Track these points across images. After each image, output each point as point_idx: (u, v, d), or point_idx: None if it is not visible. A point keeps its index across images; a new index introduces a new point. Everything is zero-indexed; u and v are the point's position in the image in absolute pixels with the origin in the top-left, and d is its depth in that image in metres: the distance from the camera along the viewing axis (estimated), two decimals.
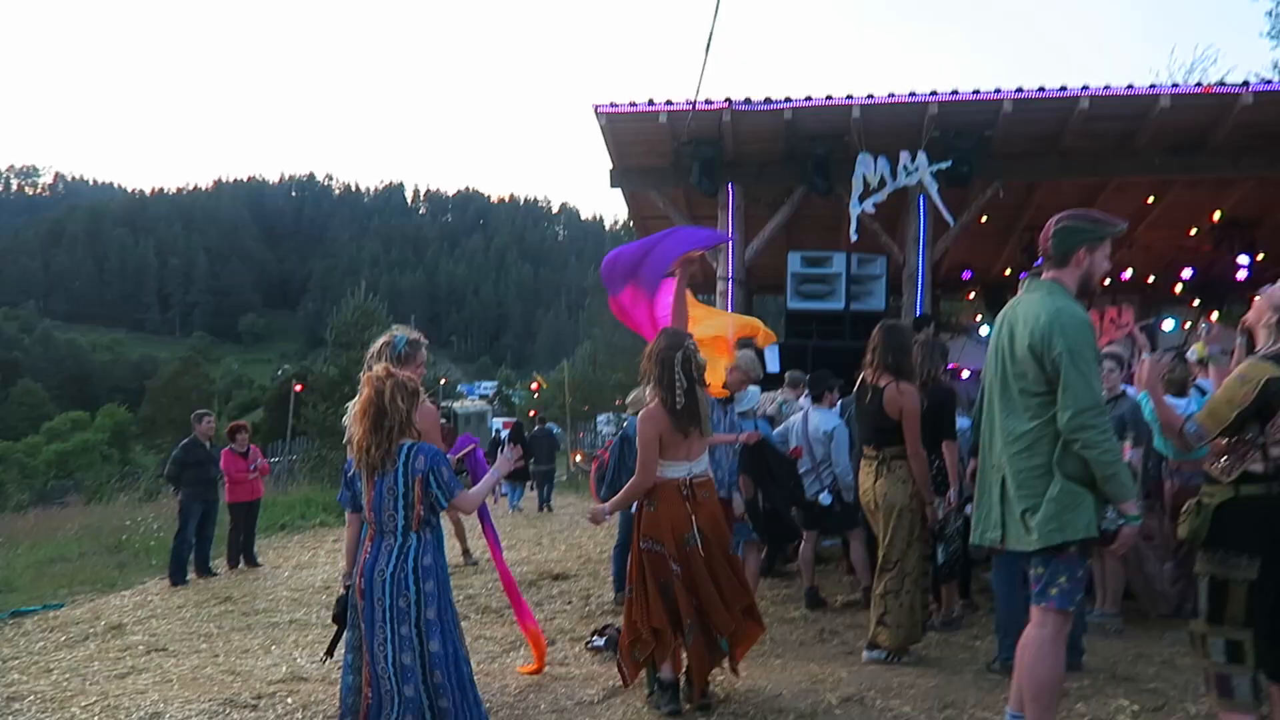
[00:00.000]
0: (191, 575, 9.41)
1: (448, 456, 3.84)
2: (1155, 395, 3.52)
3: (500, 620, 6.90)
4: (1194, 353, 6.44)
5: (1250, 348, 4.77)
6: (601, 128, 9.60)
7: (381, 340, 4.20)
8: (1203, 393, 6.32)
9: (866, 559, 6.30)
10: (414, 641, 3.53)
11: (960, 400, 5.85)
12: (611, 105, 9.43)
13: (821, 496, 6.42)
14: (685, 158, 9.82)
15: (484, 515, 5.11)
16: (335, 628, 5.82)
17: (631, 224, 15.78)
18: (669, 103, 9.36)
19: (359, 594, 3.61)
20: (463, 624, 6.93)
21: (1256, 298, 3.55)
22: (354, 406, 3.64)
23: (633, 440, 6.88)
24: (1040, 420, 3.29)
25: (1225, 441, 3.25)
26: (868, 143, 9.36)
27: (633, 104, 9.43)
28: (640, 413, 4.39)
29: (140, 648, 6.38)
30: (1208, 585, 3.25)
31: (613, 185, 10.65)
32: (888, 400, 4.75)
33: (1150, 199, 11.30)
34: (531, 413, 34.43)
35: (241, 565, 9.96)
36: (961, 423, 5.53)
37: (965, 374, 11.64)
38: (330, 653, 4.17)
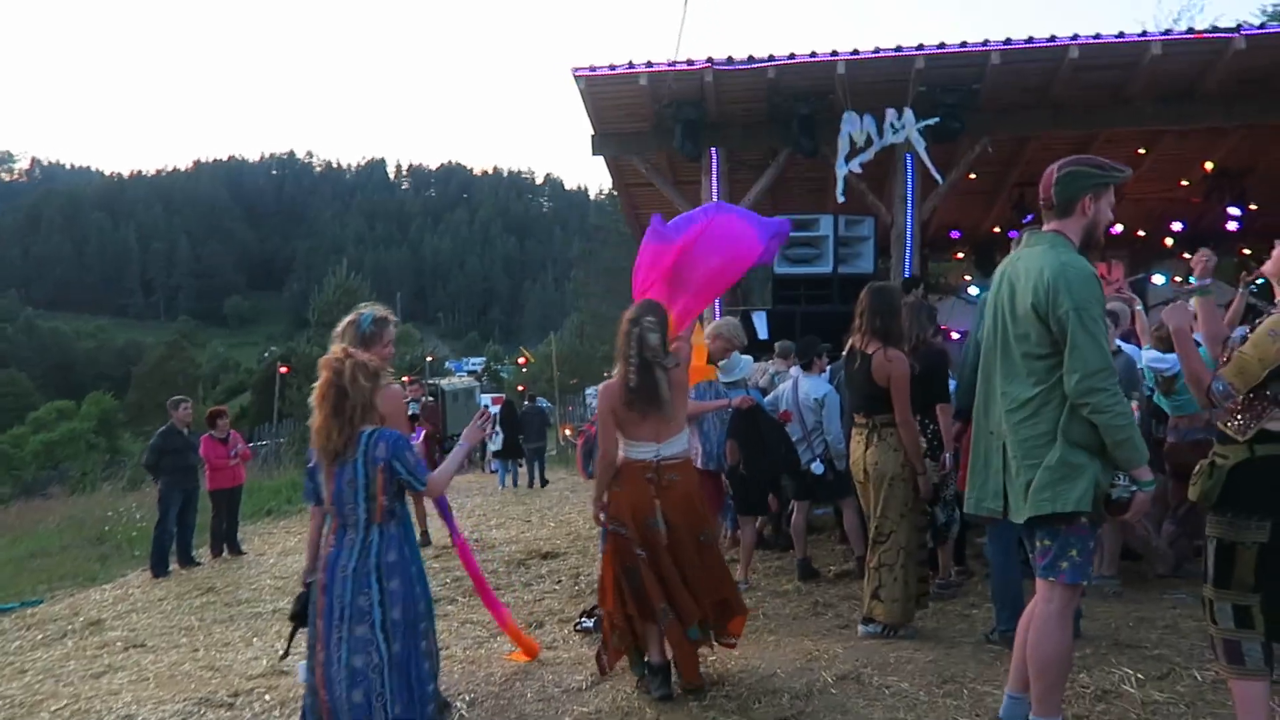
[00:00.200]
0: (174, 566, 9.22)
1: (411, 442, 3.65)
2: (1185, 345, 3.33)
3: None
4: (1191, 305, 6.26)
5: (1249, 302, 4.58)
6: (580, 92, 9.33)
7: (346, 319, 3.98)
8: (1196, 344, 6.15)
9: (860, 528, 6.15)
10: (374, 644, 3.32)
11: (951, 361, 5.69)
12: (590, 68, 9.16)
13: (813, 465, 6.25)
14: (667, 121, 9.58)
15: (445, 512, 4.88)
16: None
17: (615, 192, 15.51)
18: (649, 64, 9.10)
19: (320, 590, 3.41)
20: (449, 608, 6.86)
21: (1276, 246, 3.36)
22: (313, 391, 3.43)
23: None
24: (1045, 385, 3.08)
25: (1241, 398, 3.07)
26: (853, 101, 9.11)
27: (612, 66, 9.17)
28: (600, 385, 4.22)
29: (118, 644, 6.21)
30: (1215, 548, 3.09)
31: (595, 152, 10.37)
32: (876, 367, 4.55)
33: (1141, 150, 11.10)
34: (520, 388, 34.18)
35: (225, 554, 9.78)
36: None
37: (955, 335, 11.48)
38: (287, 653, 3.98)
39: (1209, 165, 11.01)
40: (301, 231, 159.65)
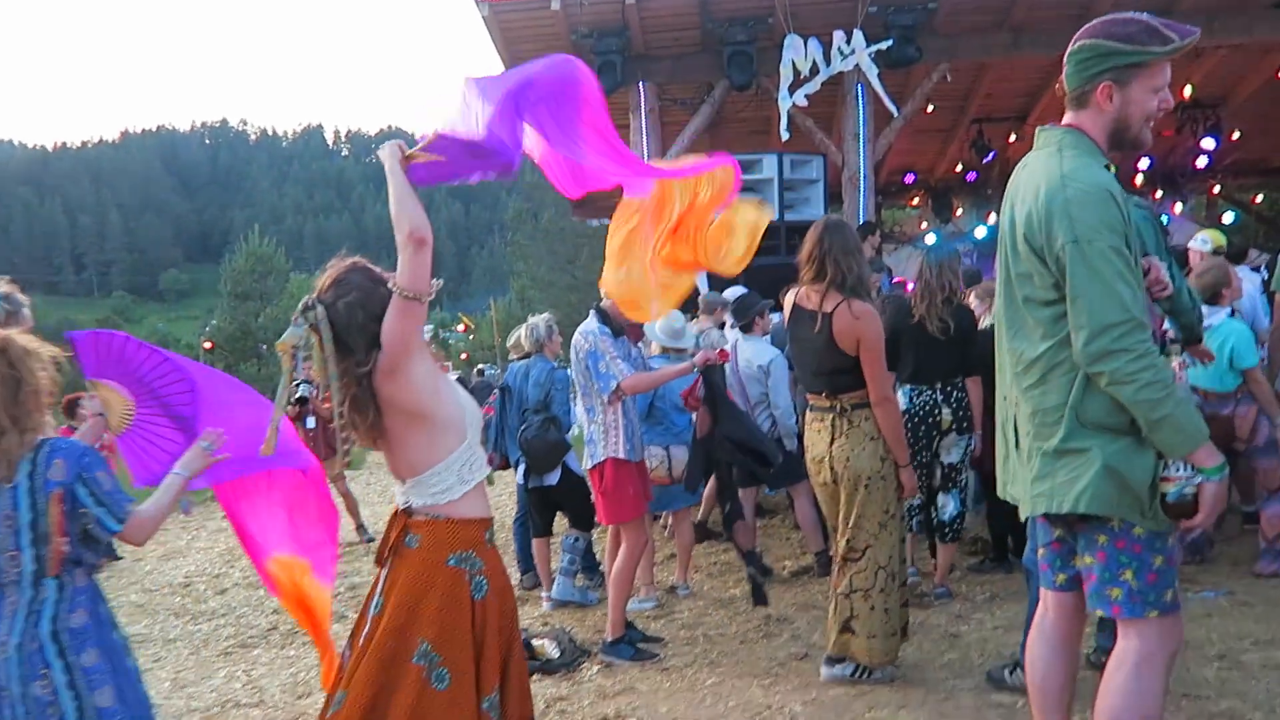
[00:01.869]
0: None
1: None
2: None
3: None
4: (1205, 240, 5.34)
5: None
6: (484, 19, 8.18)
7: None
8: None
9: (816, 519, 5.18)
10: None
11: None
12: None
13: None
14: (587, 53, 8.45)
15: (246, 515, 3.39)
16: (177, 643, 4.42)
17: None
18: None
19: None
20: (334, 627, 5.77)
21: None
22: None
23: (515, 392, 5.62)
24: (1053, 341, 2.28)
25: None
26: (796, 23, 8.11)
27: None
28: None
29: None
30: None
31: None
32: (840, 329, 3.42)
33: None
34: (463, 355, 32.96)
35: None
36: None
37: (910, 287, 10.58)
38: None
39: (1186, 92, 10.10)
40: (239, 201, 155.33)
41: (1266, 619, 3.89)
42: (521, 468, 5.42)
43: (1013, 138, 11.39)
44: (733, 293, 6.18)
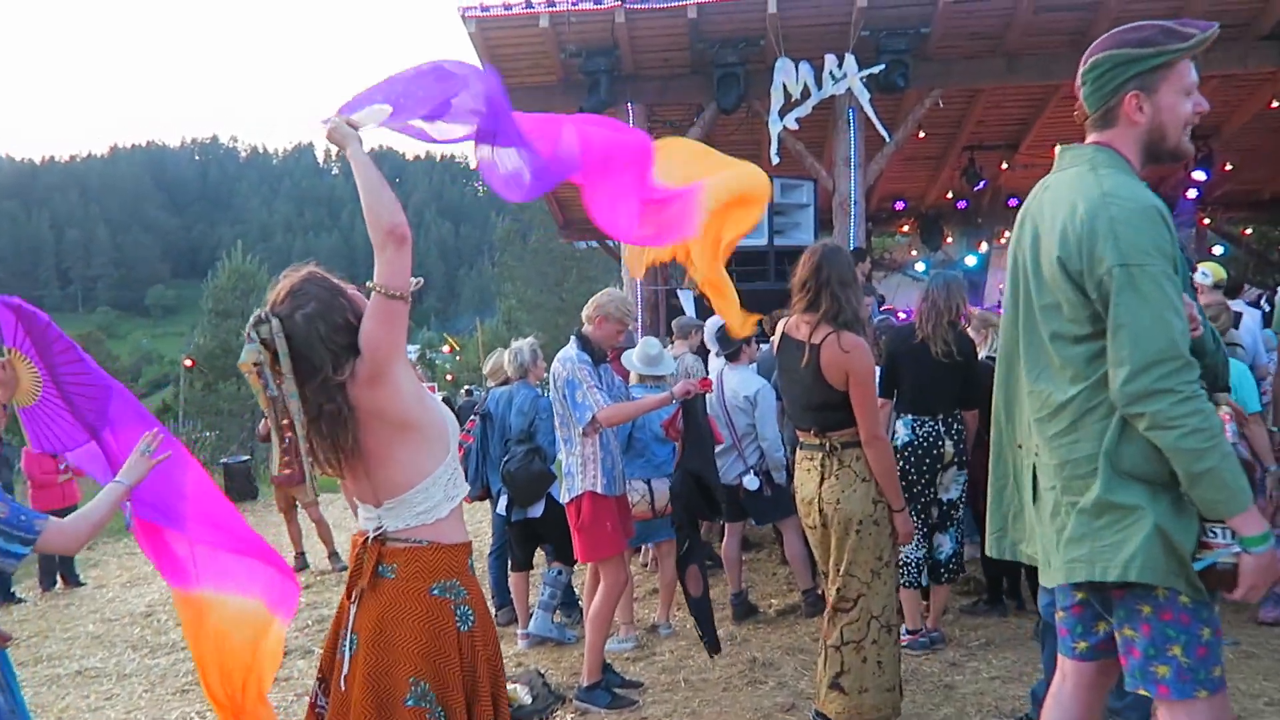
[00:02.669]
0: None
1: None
2: None
3: None
4: (1205, 274, 5.19)
5: None
6: (471, 36, 8.05)
7: None
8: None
9: (806, 557, 4.97)
10: None
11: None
12: (481, 7, 7.90)
13: (747, 480, 5.02)
14: (575, 72, 8.34)
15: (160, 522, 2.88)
16: (132, 678, 4.20)
17: None
18: (551, 3, 7.83)
19: None
20: (299, 663, 5.51)
21: None
22: None
23: (495, 419, 5.40)
24: (1087, 383, 2.03)
25: None
26: (788, 46, 8.04)
27: (507, 5, 7.91)
28: None
29: None
30: None
31: None
32: (828, 361, 3.20)
33: None
34: (449, 377, 32.66)
35: (59, 586, 8.25)
36: None
37: (903, 315, 10.43)
38: None
39: None
40: (228, 218, 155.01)
41: (1278, 674, 3.69)
42: (503, 500, 5.19)
43: (1004, 165, 11.32)
44: (717, 320, 5.99)
